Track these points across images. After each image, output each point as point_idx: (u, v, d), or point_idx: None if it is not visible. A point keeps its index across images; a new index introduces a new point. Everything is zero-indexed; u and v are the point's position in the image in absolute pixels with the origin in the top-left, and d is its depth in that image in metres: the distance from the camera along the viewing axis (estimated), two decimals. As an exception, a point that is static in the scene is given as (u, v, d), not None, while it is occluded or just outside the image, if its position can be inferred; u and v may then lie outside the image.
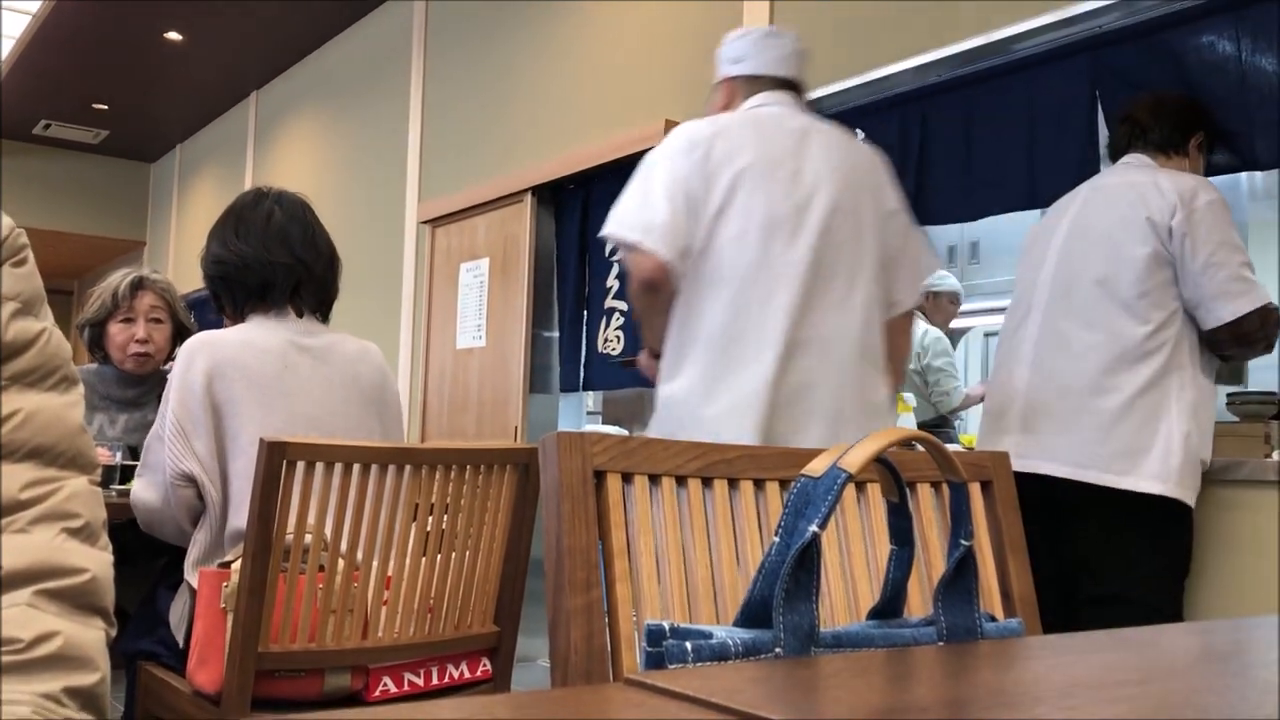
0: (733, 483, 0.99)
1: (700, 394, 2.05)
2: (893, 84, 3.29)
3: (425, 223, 5.48)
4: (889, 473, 0.81)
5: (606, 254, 4.39)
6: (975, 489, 1.14)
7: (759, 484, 1.00)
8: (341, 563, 1.80)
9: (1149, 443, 2.27)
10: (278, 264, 2.06)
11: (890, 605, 0.81)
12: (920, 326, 4.94)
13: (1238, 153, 2.56)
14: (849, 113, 3.45)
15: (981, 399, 4.01)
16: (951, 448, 3.72)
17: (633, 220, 2.12)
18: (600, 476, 0.92)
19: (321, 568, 1.79)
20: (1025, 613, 1.10)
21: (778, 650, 0.69)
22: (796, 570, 0.70)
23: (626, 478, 0.93)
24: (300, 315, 2.10)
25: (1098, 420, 2.32)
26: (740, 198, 2.09)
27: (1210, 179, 2.46)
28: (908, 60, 3.21)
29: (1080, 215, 2.51)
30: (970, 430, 5.14)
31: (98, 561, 0.86)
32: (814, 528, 0.70)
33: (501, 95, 5.15)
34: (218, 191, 8.29)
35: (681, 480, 0.96)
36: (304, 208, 2.19)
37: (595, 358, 4.41)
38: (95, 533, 0.88)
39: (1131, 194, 2.42)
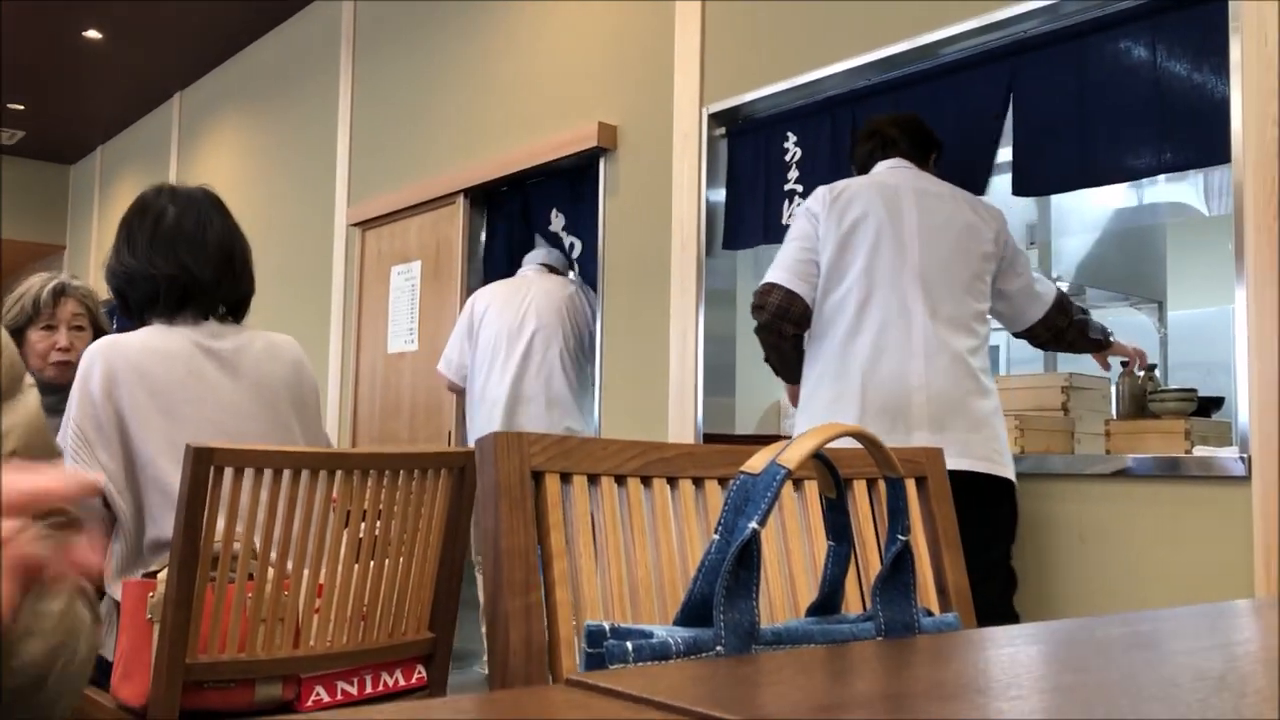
0: (672, 481, 0.98)
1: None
2: (824, 87, 3.33)
3: (355, 225, 5.41)
4: (826, 469, 0.81)
5: (574, 257, 4.35)
6: (910, 485, 1.15)
7: (698, 482, 1.00)
8: (271, 571, 1.76)
9: (1002, 435, 2.50)
10: (159, 275, 1.99)
11: (828, 601, 0.81)
12: None
13: (1153, 155, 2.63)
14: (782, 116, 3.48)
15: None
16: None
17: None
18: (538, 477, 0.91)
19: (251, 576, 1.75)
20: (960, 606, 1.11)
21: (719, 648, 0.69)
22: (737, 568, 0.69)
23: (565, 478, 0.93)
24: (206, 318, 2.03)
25: (983, 418, 2.47)
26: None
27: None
28: (838, 64, 3.24)
29: (926, 215, 2.56)
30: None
31: None
32: (754, 524, 0.70)
33: (433, 96, 5.11)
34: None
35: (621, 479, 0.96)
36: (207, 205, 2.08)
37: None
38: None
39: (958, 201, 2.60)
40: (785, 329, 2.56)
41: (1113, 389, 2.97)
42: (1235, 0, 2.40)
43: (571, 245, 4.29)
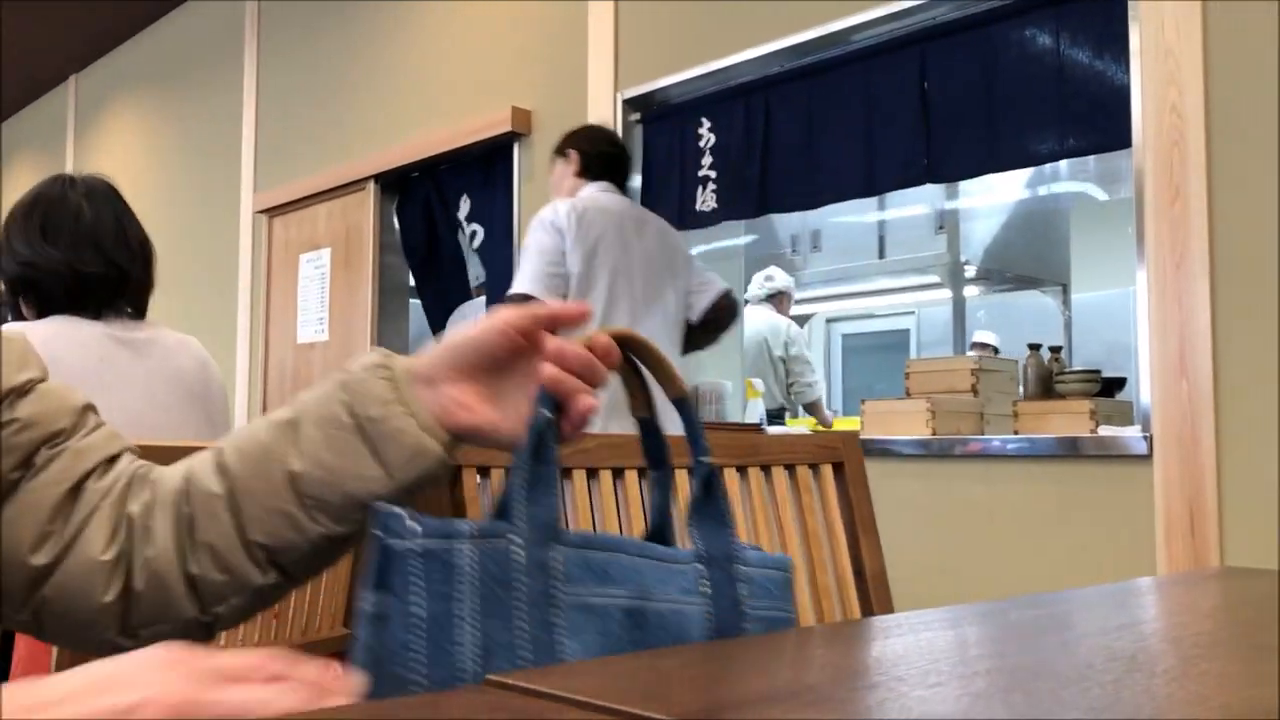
0: (591, 472, 0.97)
1: None
2: (737, 73, 3.34)
3: (262, 212, 5.29)
4: (637, 381, 0.78)
5: (468, 243, 4.30)
6: (827, 470, 1.16)
7: (618, 472, 0.99)
8: (179, 569, 1.71)
9: None
10: (90, 274, 1.92)
11: (659, 531, 0.76)
12: (781, 320, 5.06)
13: (1057, 140, 2.69)
14: (696, 102, 3.49)
15: None
16: (798, 430, 3.79)
17: None
18: (456, 470, 0.89)
19: (157, 575, 1.70)
20: (877, 590, 1.12)
21: (512, 537, 0.65)
22: (533, 461, 0.67)
23: (483, 471, 0.91)
24: (116, 313, 1.97)
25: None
26: None
27: None
28: (751, 50, 3.25)
29: (656, 239, 2.94)
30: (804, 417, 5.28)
31: None
32: (545, 412, 0.69)
33: (342, 80, 5.00)
34: (36, 180, 7.79)
35: (538, 472, 0.94)
36: (111, 197, 2.02)
37: None
38: None
39: (655, 218, 3.02)
40: None
41: (1019, 370, 3.04)
42: (1134, -9, 2.47)
43: (473, 233, 4.24)
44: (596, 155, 3.02)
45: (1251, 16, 2.27)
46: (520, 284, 2.80)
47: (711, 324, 3.04)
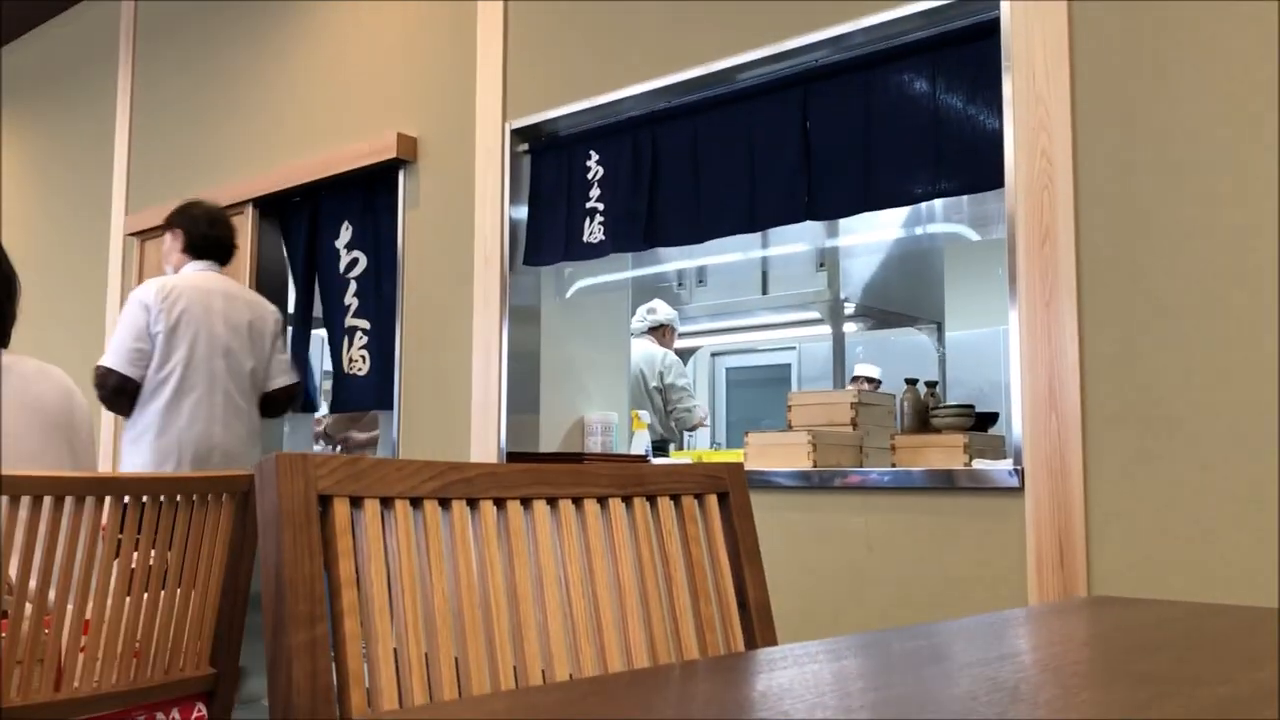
0: (473, 503, 0.94)
1: None
2: (625, 108, 3.35)
3: (133, 235, 5.09)
4: None
5: (342, 271, 4.22)
6: (712, 500, 1.15)
7: (500, 503, 0.97)
8: (30, 607, 1.61)
9: None
10: None
11: None
12: (658, 351, 5.10)
13: (932, 181, 2.77)
14: (584, 134, 3.49)
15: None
16: (679, 460, 3.82)
17: None
18: (326, 501, 0.85)
19: (4, 614, 1.60)
20: (761, 621, 1.11)
21: None
22: None
23: (355, 501, 0.87)
24: None
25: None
26: None
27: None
28: (637, 85, 3.27)
29: (245, 315, 3.44)
30: (698, 447, 5.32)
31: None
32: None
33: (220, 102, 4.86)
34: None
35: (417, 502, 0.91)
36: None
37: (342, 378, 4.22)
38: None
39: (251, 298, 3.56)
40: (122, 404, 3.30)
41: (897, 404, 3.11)
42: (1006, 39, 2.56)
43: (353, 260, 4.17)
44: (200, 237, 3.48)
45: (1117, 64, 2.38)
46: (107, 358, 3.25)
47: (273, 403, 3.55)
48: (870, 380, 5.81)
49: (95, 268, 5.44)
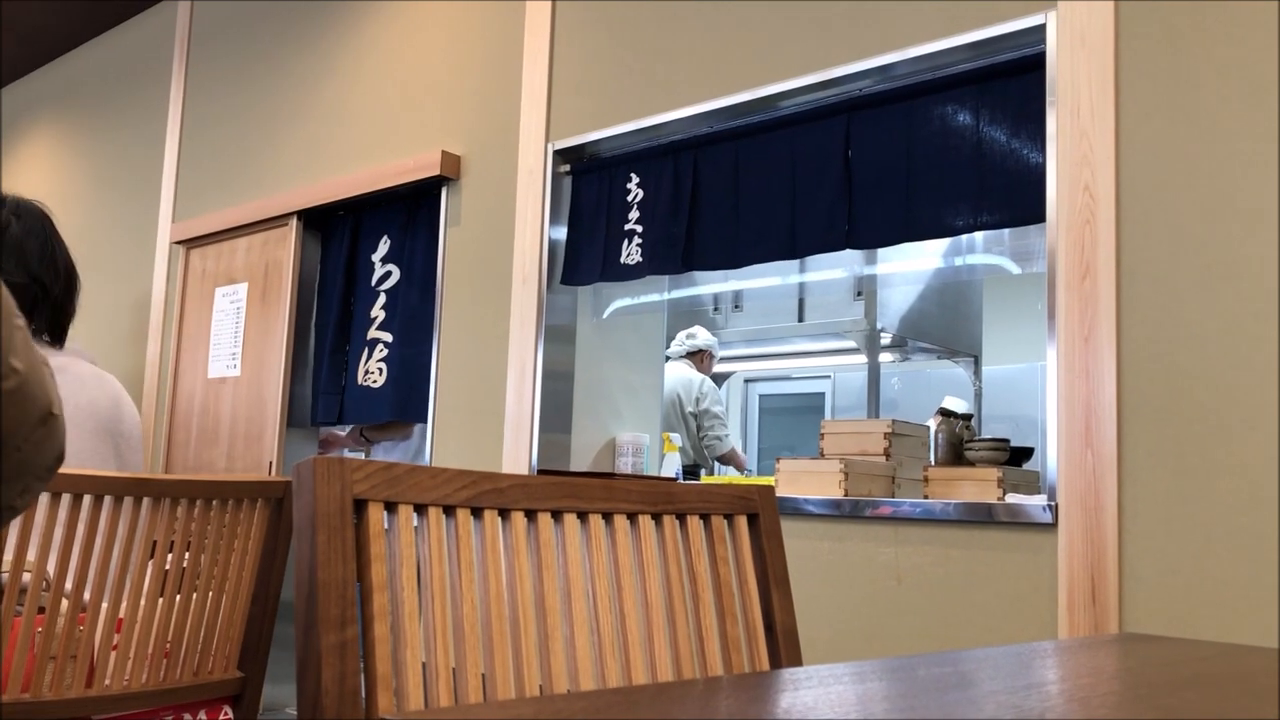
0: (504, 513, 0.95)
1: None
2: (667, 131, 3.37)
3: (179, 243, 5.17)
4: None
5: (373, 283, 4.27)
6: (742, 521, 1.15)
7: (530, 514, 0.97)
8: (65, 603, 1.63)
9: None
10: (12, 284, 1.88)
11: None
12: (695, 376, 5.11)
13: (973, 213, 2.76)
14: (625, 157, 3.51)
15: None
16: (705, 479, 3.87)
17: None
18: (361, 506, 0.86)
19: (42, 609, 1.62)
20: (788, 645, 1.11)
21: None
22: None
23: (390, 507, 0.88)
24: (32, 336, 1.91)
25: None
26: None
27: None
28: (680, 110, 3.30)
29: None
30: (729, 473, 5.31)
31: None
32: None
33: (269, 114, 4.95)
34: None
35: (450, 510, 0.92)
36: (44, 219, 2.02)
37: (355, 389, 4.27)
38: None
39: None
40: None
41: (931, 436, 3.09)
42: (1051, 74, 2.56)
43: (386, 274, 4.21)
44: None
45: (1163, 101, 2.37)
46: None
47: None
48: (954, 415, 5.79)
49: (141, 273, 5.54)
